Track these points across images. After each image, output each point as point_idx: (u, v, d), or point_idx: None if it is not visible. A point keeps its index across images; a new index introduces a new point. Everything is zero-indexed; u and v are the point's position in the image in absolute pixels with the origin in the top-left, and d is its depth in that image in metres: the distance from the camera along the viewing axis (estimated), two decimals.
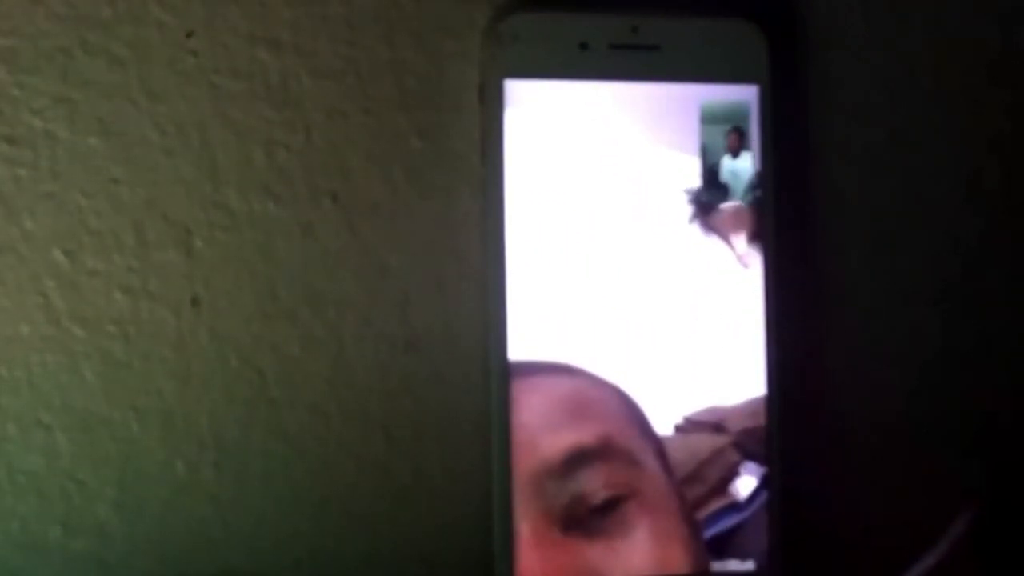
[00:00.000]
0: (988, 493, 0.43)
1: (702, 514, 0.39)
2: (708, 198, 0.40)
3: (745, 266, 0.39)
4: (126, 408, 0.39)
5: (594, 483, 0.38)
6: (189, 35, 0.39)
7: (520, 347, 0.38)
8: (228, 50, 0.39)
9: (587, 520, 0.38)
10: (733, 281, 0.40)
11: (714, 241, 0.39)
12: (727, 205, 0.39)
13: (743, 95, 0.40)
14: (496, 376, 0.38)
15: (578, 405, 0.38)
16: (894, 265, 0.43)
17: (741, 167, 0.40)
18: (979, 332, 0.43)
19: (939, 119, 0.43)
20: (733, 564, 0.39)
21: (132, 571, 0.39)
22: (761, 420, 0.39)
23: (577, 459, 0.38)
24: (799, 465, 0.40)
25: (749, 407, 0.39)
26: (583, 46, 0.39)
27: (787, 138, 0.41)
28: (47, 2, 0.38)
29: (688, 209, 0.39)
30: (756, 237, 0.40)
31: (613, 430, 0.38)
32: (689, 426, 0.39)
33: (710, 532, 0.39)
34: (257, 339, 0.39)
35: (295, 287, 0.39)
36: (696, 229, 0.39)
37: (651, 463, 0.39)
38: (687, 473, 0.39)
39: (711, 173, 0.40)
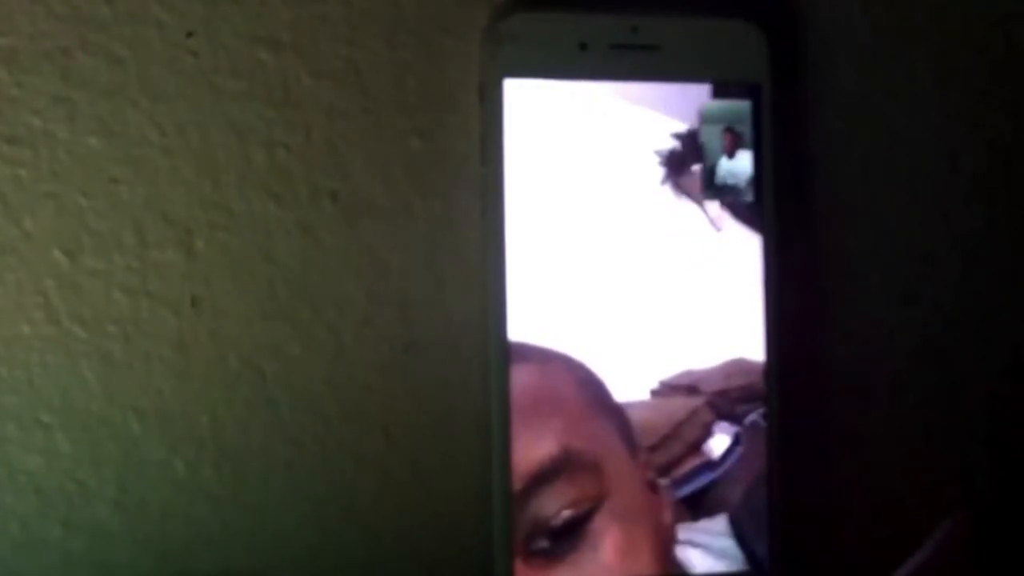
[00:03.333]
0: (986, 494, 0.43)
1: (678, 473, 0.39)
2: (708, 197, 0.40)
3: (718, 229, 0.40)
4: (126, 408, 0.39)
5: (554, 504, 0.38)
6: (189, 35, 0.39)
7: (518, 337, 0.38)
8: (228, 50, 0.39)
9: (550, 545, 0.38)
10: (707, 246, 0.40)
11: (686, 205, 0.40)
12: (697, 168, 0.40)
13: (743, 95, 0.40)
14: (496, 374, 0.38)
15: (532, 405, 0.38)
16: (894, 264, 0.43)
17: (739, 167, 0.40)
18: (979, 332, 0.43)
19: (939, 119, 0.43)
20: (703, 523, 0.39)
21: (132, 571, 0.39)
22: (735, 381, 0.40)
23: (534, 484, 0.38)
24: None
25: (724, 369, 0.40)
26: (583, 46, 0.39)
27: (787, 138, 0.41)
28: (47, 2, 0.38)
29: (659, 172, 0.39)
30: (731, 205, 0.40)
31: (571, 428, 0.38)
32: (664, 390, 0.39)
33: (685, 490, 0.39)
34: (257, 339, 0.39)
35: (295, 287, 0.39)
36: (668, 193, 0.39)
37: (614, 449, 0.38)
38: (664, 434, 0.39)
39: (710, 173, 0.40)
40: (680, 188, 0.40)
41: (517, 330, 0.38)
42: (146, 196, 0.39)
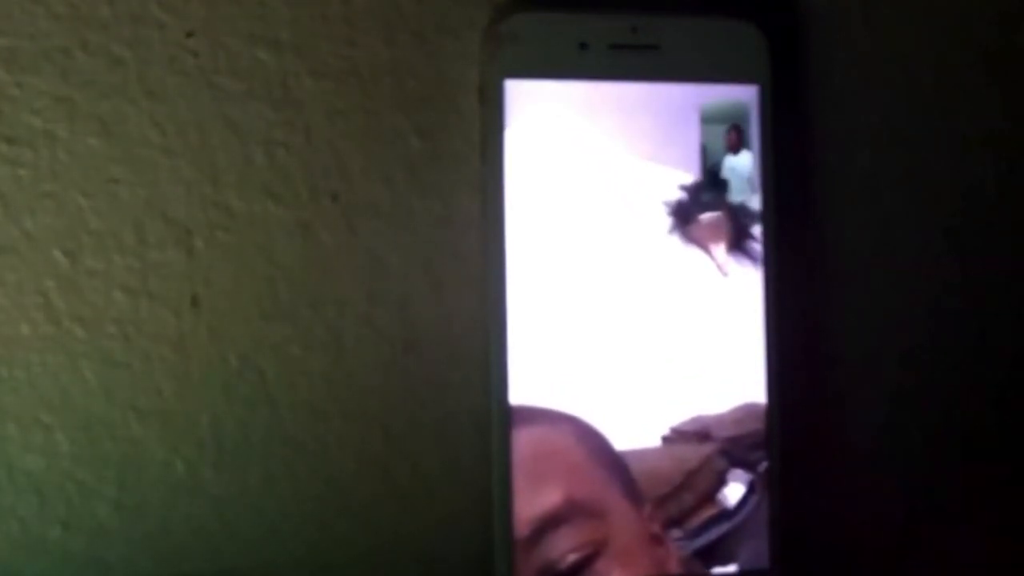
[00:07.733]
0: (990, 502, 0.43)
1: (691, 524, 0.39)
2: (708, 197, 0.40)
3: (725, 275, 0.39)
4: (126, 408, 0.39)
5: (559, 549, 0.38)
6: (189, 35, 0.39)
7: (520, 363, 0.38)
8: (228, 50, 0.39)
9: None
10: (714, 290, 0.39)
11: (693, 251, 0.39)
12: (705, 216, 0.39)
13: (743, 95, 0.40)
14: (497, 375, 0.38)
15: (534, 463, 0.38)
16: (894, 265, 0.43)
17: (740, 165, 0.40)
18: (978, 332, 0.43)
19: (939, 118, 0.43)
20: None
21: (132, 571, 0.39)
22: (746, 427, 0.39)
23: (539, 530, 0.38)
24: (798, 470, 0.40)
25: (734, 415, 0.39)
26: (583, 46, 0.39)
27: (787, 138, 0.41)
28: (47, 2, 0.38)
29: (667, 221, 0.39)
30: (735, 246, 0.40)
31: (574, 481, 0.38)
32: (675, 436, 0.39)
33: (701, 541, 0.39)
34: (257, 339, 0.39)
35: (295, 287, 0.39)
36: (676, 240, 0.39)
37: (617, 502, 0.38)
38: (676, 484, 0.39)
39: (711, 173, 0.40)
40: (687, 235, 0.39)
41: (520, 354, 0.38)
42: (146, 196, 0.39)
